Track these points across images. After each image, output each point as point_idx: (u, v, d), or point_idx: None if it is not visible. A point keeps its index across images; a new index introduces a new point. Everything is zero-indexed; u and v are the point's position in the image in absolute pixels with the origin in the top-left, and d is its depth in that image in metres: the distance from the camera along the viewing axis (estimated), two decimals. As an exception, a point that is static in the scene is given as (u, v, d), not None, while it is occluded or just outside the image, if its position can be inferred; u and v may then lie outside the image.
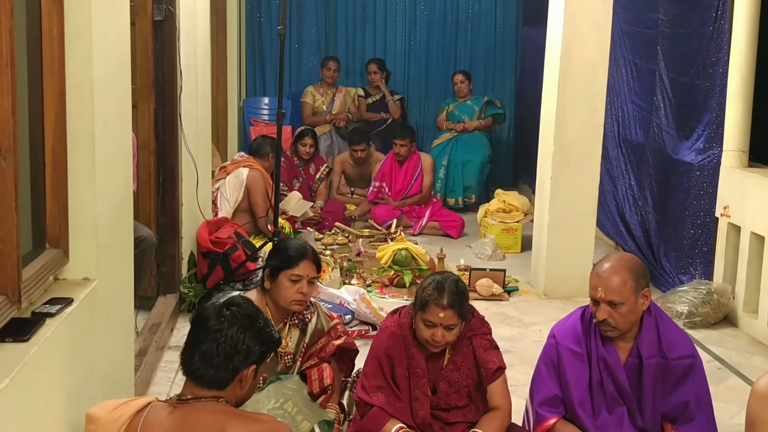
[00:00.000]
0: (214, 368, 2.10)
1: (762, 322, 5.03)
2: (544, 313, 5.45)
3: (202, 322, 2.17)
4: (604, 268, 2.90)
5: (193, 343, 2.16)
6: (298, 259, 3.24)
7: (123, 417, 2.10)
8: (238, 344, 2.12)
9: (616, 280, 2.86)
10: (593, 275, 2.93)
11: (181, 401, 2.12)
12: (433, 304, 2.95)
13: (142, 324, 4.62)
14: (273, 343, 2.26)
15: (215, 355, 2.10)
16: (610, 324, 2.87)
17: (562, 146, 5.74)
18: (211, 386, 2.11)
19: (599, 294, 2.87)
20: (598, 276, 2.90)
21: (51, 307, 2.27)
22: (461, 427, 3.08)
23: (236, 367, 2.12)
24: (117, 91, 2.91)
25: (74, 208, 2.56)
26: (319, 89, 8.94)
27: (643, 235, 6.42)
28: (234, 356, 2.12)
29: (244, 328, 2.15)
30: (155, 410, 2.10)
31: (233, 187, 6.24)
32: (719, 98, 5.43)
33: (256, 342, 2.16)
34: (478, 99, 8.94)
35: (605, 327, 2.89)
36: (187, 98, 5.19)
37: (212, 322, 2.15)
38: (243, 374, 2.15)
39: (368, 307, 5.07)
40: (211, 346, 2.11)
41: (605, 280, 2.87)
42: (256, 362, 2.18)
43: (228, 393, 2.14)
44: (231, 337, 2.11)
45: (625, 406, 2.98)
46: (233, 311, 2.17)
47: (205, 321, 2.17)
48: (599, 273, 2.90)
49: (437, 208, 7.81)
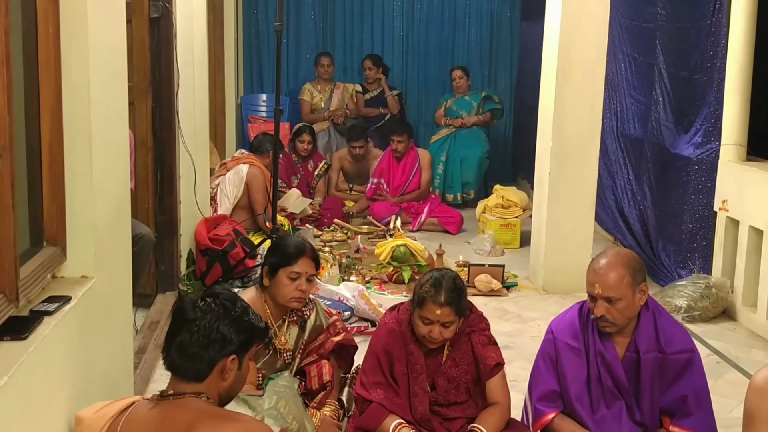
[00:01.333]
0: (190, 359, 2.07)
1: (761, 316, 5.03)
2: (543, 309, 5.45)
3: (179, 314, 2.15)
4: (600, 264, 2.90)
5: (170, 336, 2.13)
6: (297, 257, 3.24)
7: (106, 416, 2.08)
8: (211, 333, 2.07)
9: (613, 276, 2.86)
10: (590, 272, 2.93)
11: (162, 398, 2.09)
12: (431, 302, 2.95)
13: (141, 322, 4.62)
14: (254, 332, 2.19)
15: (189, 345, 2.07)
16: (608, 320, 2.87)
17: (561, 141, 5.74)
18: (189, 379, 2.07)
19: (596, 290, 2.87)
20: (595, 272, 2.90)
21: (49, 305, 2.27)
22: (460, 422, 3.08)
23: (212, 357, 2.07)
24: (114, 88, 2.90)
25: (72, 206, 2.56)
26: (316, 86, 8.93)
27: (641, 230, 6.42)
28: (208, 346, 2.07)
29: (218, 317, 2.10)
30: (138, 408, 2.08)
31: (233, 183, 6.24)
32: (717, 92, 5.42)
33: (232, 330, 2.10)
34: (476, 94, 8.93)
35: (603, 323, 2.90)
36: (184, 96, 5.19)
37: (188, 313, 2.12)
38: (222, 365, 2.09)
39: (367, 303, 5.07)
40: (185, 337, 2.08)
41: (602, 277, 2.87)
42: (236, 352, 2.11)
43: (209, 386, 2.09)
44: (204, 326, 2.07)
45: (623, 401, 2.98)
46: (208, 302, 2.13)
47: (181, 312, 2.15)
48: (596, 269, 2.90)
49: (436, 204, 7.81)
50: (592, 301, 2.91)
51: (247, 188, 6.20)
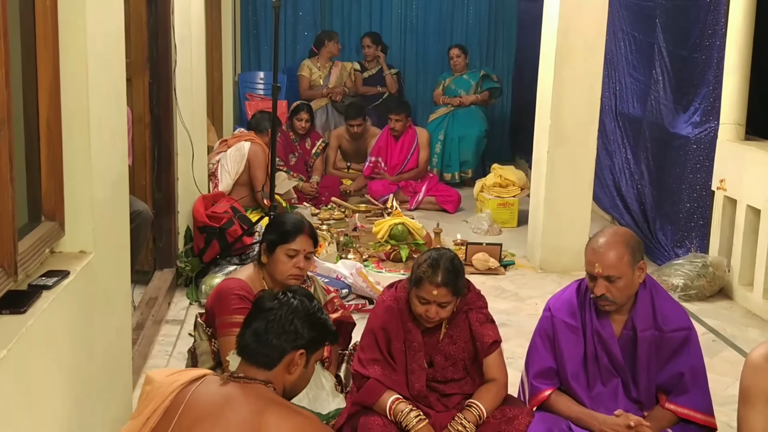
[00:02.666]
0: (262, 345, 2.15)
1: (757, 295, 5.05)
2: (540, 287, 5.47)
3: (258, 303, 2.25)
4: (599, 243, 2.90)
5: (247, 323, 2.22)
6: (295, 234, 3.23)
7: (177, 383, 2.13)
8: (286, 324, 2.17)
9: (613, 254, 2.86)
10: (589, 251, 2.93)
11: (232, 378, 2.16)
12: (428, 282, 2.95)
13: (139, 298, 4.63)
14: (326, 331, 2.29)
15: (263, 332, 2.16)
16: (608, 299, 2.88)
17: (559, 120, 5.73)
18: (259, 365, 2.15)
19: (596, 269, 2.87)
20: (594, 251, 2.90)
21: (48, 280, 2.27)
22: (457, 398, 3.10)
23: (283, 347, 2.16)
24: (111, 64, 2.89)
25: (69, 182, 2.56)
26: (316, 63, 8.90)
27: (639, 209, 6.43)
28: (281, 335, 2.16)
29: (294, 311, 2.19)
30: (207, 383, 2.14)
31: (234, 160, 6.24)
32: (716, 71, 5.41)
33: (306, 325, 2.19)
34: (474, 73, 8.90)
35: (603, 302, 2.90)
36: (181, 73, 5.17)
37: (266, 303, 2.22)
38: (291, 358, 2.17)
39: (365, 281, 5.08)
40: (261, 324, 2.17)
41: (602, 256, 2.87)
42: (305, 347, 2.20)
43: (276, 377, 2.16)
44: (281, 317, 2.17)
45: (619, 378, 3.00)
46: (288, 295, 2.24)
47: (260, 302, 2.25)
48: (595, 248, 2.90)
49: (434, 183, 7.81)
50: (592, 281, 2.92)
51: (248, 165, 6.21)
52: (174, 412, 2.05)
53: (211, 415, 2.02)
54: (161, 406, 2.07)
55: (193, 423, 2.02)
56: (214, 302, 3.19)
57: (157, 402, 2.09)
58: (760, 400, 2.57)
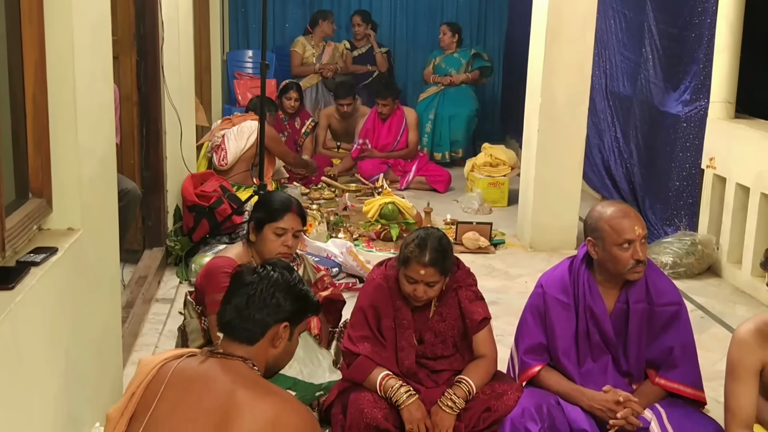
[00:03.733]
0: (244, 320, 2.12)
1: (745, 272, 5.08)
2: (530, 265, 5.48)
3: (237, 278, 2.22)
4: (623, 210, 2.91)
5: (227, 299, 2.19)
6: (283, 213, 3.22)
7: (159, 358, 2.12)
8: (267, 297, 2.14)
9: (636, 215, 2.89)
10: (620, 220, 2.86)
11: (212, 354, 2.14)
12: (415, 261, 2.95)
13: (128, 277, 4.62)
14: (309, 304, 2.25)
15: (245, 307, 2.13)
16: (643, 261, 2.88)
17: (550, 100, 5.73)
18: (241, 340, 2.12)
19: (637, 232, 2.85)
20: (629, 216, 2.87)
21: (36, 256, 2.26)
22: (447, 374, 3.11)
23: (265, 321, 2.13)
24: (98, 42, 2.86)
25: (57, 159, 2.54)
26: (310, 41, 8.85)
27: (628, 188, 6.44)
28: (263, 309, 2.13)
29: (275, 283, 2.16)
30: (191, 359, 2.13)
31: (243, 135, 6.26)
32: (707, 49, 5.41)
33: (287, 297, 2.16)
34: (465, 52, 8.87)
35: (641, 267, 2.89)
36: (169, 51, 5.14)
37: (246, 277, 2.19)
38: (275, 331, 2.14)
39: (355, 260, 5.09)
40: (242, 299, 2.14)
41: (636, 219, 2.88)
42: (289, 320, 2.17)
43: (258, 352, 2.13)
44: (262, 290, 2.14)
45: (609, 355, 3.01)
46: (267, 269, 2.21)
47: (239, 277, 2.22)
48: (628, 214, 2.88)
49: (424, 162, 7.79)
50: (627, 249, 2.84)
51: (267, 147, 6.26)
52: (158, 387, 2.04)
53: (187, 391, 2.01)
54: (144, 381, 2.06)
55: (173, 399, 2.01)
56: (203, 280, 3.19)
57: (141, 377, 2.08)
58: (746, 374, 2.59)
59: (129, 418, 2.03)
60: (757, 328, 2.62)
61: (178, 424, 1.96)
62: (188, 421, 1.95)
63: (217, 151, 6.25)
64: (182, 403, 1.99)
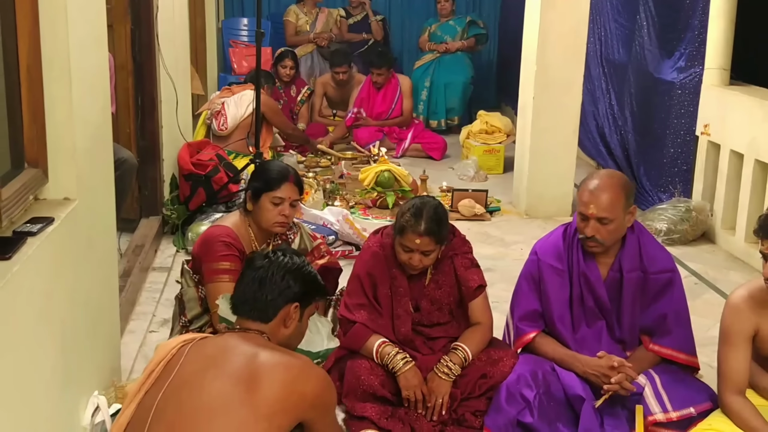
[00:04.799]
0: (257, 301, 2.26)
1: (739, 239, 5.10)
2: (525, 233, 5.50)
3: (250, 263, 2.35)
4: (595, 185, 2.90)
5: (240, 282, 2.33)
6: (280, 182, 3.23)
7: (178, 339, 2.25)
8: (278, 280, 2.27)
9: (607, 197, 2.86)
10: (584, 192, 2.92)
11: (230, 330, 2.30)
12: (411, 231, 2.96)
13: (125, 246, 4.63)
14: (317, 286, 2.39)
15: (258, 289, 2.26)
16: (597, 240, 2.90)
17: (545, 67, 5.71)
18: (255, 319, 2.26)
19: (590, 210, 2.87)
20: (591, 193, 2.89)
21: (32, 227, 2.26)
22: (443, 341, 3.14)
23: (277, 302, 2.26)
24: (91, 10, 2.85)
25: (52, 129, 2.53)
26: (302, 8, 8.79)
27: (623, 155, 6.45)
28: (275, 290, 2.26)
29: (284, 267, 2.30)
30: (208, 337, 2.27)
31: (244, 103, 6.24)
32: (702, 15, 5.39)
33: (297, 280, 2.29)
34: (460, 19, 8.82)
35: (592, 243, 2.92)
36: (163, 20, 5.10)
37: (257, 262, 2.32)
38: (286, 311, 2.27)
39: (351, 227, 5.10)
40: (254, 282, 2.28)
41: (597, 198, 2.87)
42: (299, 300, 2.30)
43: (272, 330, 2.27)
44: (273, 273, 2.28)
45: (603, 320, 3.04)
46: (278, 254, 2.34)
47: (251, 261, 2.36)
48: (591, 190, 2.89)
49: (420, 130, 7.78)
50: (583, 221, 2.91)
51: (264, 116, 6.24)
52: (176, 364, 2.15)
53: (211, 360, 2.12)
54: (164, 360, 2.17)
55: (195, 370, 2.11)
56: (200, 249, 3.20)
57: (160, 356, 2.19)
58: (739, 340, 2.62)
59: (145, 392, 2.14)
60: (750, 294, 2.65)
61: (205, 383, 2.06)
62: (217, 379, 2.06)
63: (217, 117, 6.25)
64: (206, 368, 2.09)
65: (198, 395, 2.05)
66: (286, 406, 2.05)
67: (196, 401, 2.05)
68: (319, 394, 2.12)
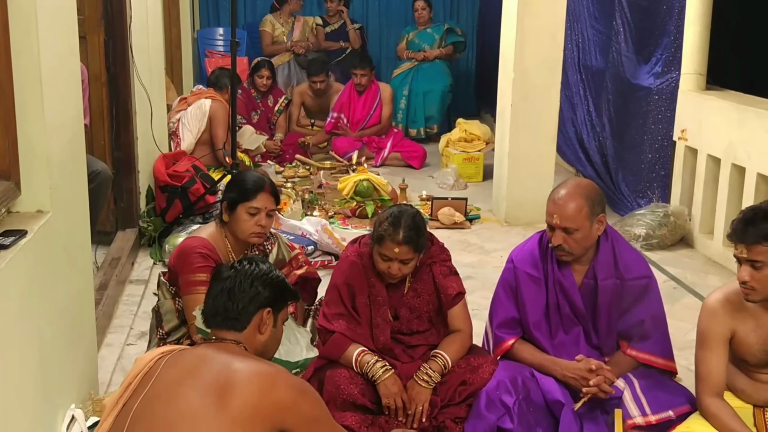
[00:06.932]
0: (228, 311, 2.25)
1: (717, 243, 5.13)
2: (505, 240, 5.51)
3: (217, 275, 2.35)
4: (559, 195, 2.93)
5: (209, 294, 2.33)
6: (256, 192, 3.21)
7: (156, 352, 2.23)
8: (247, 288, 2.27)
9: (572, 206, 2.88)
10: (549, 202, 2.96)
11: (206, 341, 2.31)
12: (389, 240, 2.95)
13: (102, 259, 4.59)
14: (286, 289, 2.38)
15: (227, 299, 2.26)
16: (564, 249, 2.92)
17: (522, 73, 5.73)
18: (229, 328, 2.26)
19: (555, 221, 2.90)
20: (554, 203, 2.92)
21: (4, 239, 2.23)
22: (422, 349, 3.13)
23: (247, 309, 2.26)
24: (62, 21, 2.82)
25: (24, 141, 2.50)
26: (278, 18, 8.78)
27: (601, 161, 6.47)
28: (245, 298, 2.26)
29: (251, 274, 2.29)
30: (185, 349, 2.27)
31: (196, 118, 6.18)
32: (677, 21, 5.43)
33: (265, 285, 2.29)
34: (438, 27, 8.84)
35: (560, 252, 2.94)
36: (137, 30, 5.07)
37: (225, 273, 2.32)
38: (259, 317, 2.27)
39: (330, 237, 5.08)
40: (223, 294, 2.28)
41: (561, 207, 2.89)
42: (271, 305, 2.29)
43: (247, 338, 2.26)
44: (241, 282, 2.27)
45: (580, 326, 3.04)
46: (243, 263, 2.34)
47: (218, 273, 2.35)
48: (555, 200, 2.93)
49: (399, 138, 7.78)
50: (551, 231, 2.95)
51: (210, 123, 6.15)
52: (152, 376, 2.14)
53: (186, 371, 2.11)
54: (141, 373, 2.16)
55: (170, 381, 2.10)
56: (176, 261, 3.18)
57: (138, 369, 2.18)
58: (715, 342, 2.64)
59: (123, 404, 2.13)
60: (726, 297, 2.66)
61: (179, 394, 2.05)
62: (191, 389, 2.05)
63: (174, 138, 6.20)
64: (181, 379, 2.09)
65: (173, 406, 2.04)
66: (261, 413, 2.03)
67: (170, 412, 2.03)
68: (295, 402, 2.10)
